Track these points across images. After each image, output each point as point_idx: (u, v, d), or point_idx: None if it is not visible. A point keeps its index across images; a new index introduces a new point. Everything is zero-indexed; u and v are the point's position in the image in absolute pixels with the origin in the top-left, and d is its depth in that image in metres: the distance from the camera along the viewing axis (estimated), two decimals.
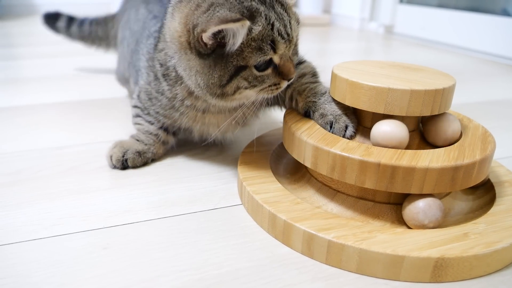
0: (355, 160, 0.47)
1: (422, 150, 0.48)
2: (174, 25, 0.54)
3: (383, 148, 0.49)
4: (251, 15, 0.50)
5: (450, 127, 0.52)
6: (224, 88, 0.53)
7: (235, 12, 0.49)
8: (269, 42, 0.51)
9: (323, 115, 0.56)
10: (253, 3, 0.51)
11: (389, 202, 0.52)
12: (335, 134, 0.53)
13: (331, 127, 0.54)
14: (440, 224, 0.49)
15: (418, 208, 0.48)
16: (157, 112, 0.66)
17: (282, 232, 0.49)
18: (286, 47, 0.53)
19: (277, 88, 0.55)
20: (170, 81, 0.60)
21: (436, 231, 0.46)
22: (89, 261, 0.46)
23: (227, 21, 0.47)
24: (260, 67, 0.52)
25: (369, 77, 0.51)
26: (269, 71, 0.53)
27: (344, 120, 0.54)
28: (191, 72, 0.54)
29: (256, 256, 0.48)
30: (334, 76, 0.54)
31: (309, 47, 1.83)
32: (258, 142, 0.68)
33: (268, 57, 0.52)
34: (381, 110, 0.50)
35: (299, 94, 0.60)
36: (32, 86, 1.14)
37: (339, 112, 0.55)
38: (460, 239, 0.45)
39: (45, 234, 0.51)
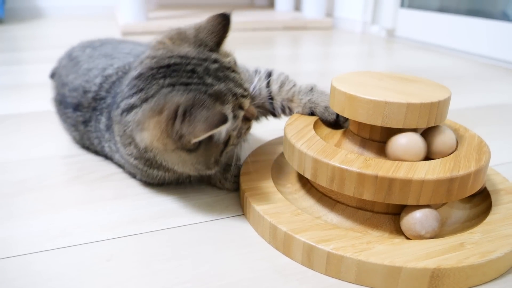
0: (353, 172, 0.48)
1: (418, 162, 0.49)
2: (144, 136, 0.52)
3: (381, 159, 0.50)
4: (222, 101, 0.52)
5: (445, 141, 0.53)
6: (219, 159, 0.56)
7: (211, 107, 0.50)
8: (238, 108, 0.54)
9: (326, 108, 0.63)
10: (216, 86, 0.53)
11: (387, 212, 0.53)
12: (341, 120, 0.63)
13: (337, 116, 0.63)
14: (437, 234, 0.50)
15: (415, 219, 0.49)
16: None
17: (283, 243, 0.50)
18: (248, 98, 0.56)
19: (248, 129, 0.60)
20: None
21: (433, 242, 0.47)
22: (93, 273, 0.47)
23: (214, 126, 0.48)
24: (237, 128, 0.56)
25: (367, 90, 0.52)
26: (241, 124, 0.56)
27: None
28: (185, 164, 0.55)
29: (257, 267, 0.49)
30: (333, 89, 0.55)
31: (312, 51, 1.84)
32: (259, 151, 0.70)
33: (241, 118, 0.55)
34: (378, 123, 0.51)
35: (291, 101, 0.65)
36: (37, 92, 1.15)
37: None
38: (456, 249, 0.46)
39: (49, 246, 0.52)
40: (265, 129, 0.82)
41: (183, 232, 0.55)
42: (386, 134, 0.54)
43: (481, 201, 0.58)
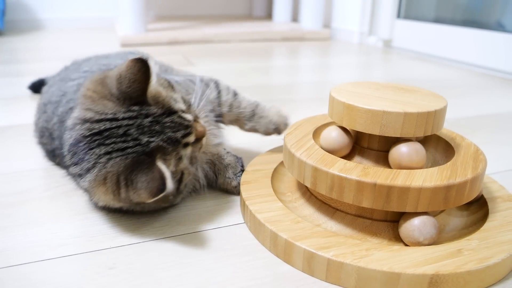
0: (352, 180, 0.49)
1: (416, 170, 0.50)
2: (100, 198, 0.53)
3: (379, 168, 0.51)
4: (163, 153, 0.52)
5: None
6: (180, 192, 0.59)
7: (151, 169, 0.50)
8: (182, 149, 0.54)
9: (266, 130, 0.73)
10: (153, 142, 0.52)
11: (386, 219, 0.54)
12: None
13: (279, 133, 0.74)
14: (435, 240, 0.50)
15: (414, 226, 0.50)
16: None
17: (283, 250, 0.51)
18: (191, 131, 0.56)
19: (201, 147, 0.60)
20: None
21: (431, 248, 0.48)
22: (96, 281, 0.48)
23: (155, 193, 0.49)
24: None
25: (365, 100, 0.53)
26: (192, 148, 0.57)
27: (277, 122, 0.74)
28: (149, 206, 0.58)
29: (258, 274, 0.49)
30: (331, 99, 0.56)
31: (310, 62, 1.86)
32: (259, 161, 0.70)
33: (189, 149, 0.56)
34: (376, 132, 0.52)
35: (236, 122, 0.74)
36: (36, 103, 1.15)
37: (274, 119, 0.73)
38: (454, 255, 0.47)
39: (52, 255, 0.52)
40: (264, 139, 0.83)
41: (185, 240, 0.55)
42: (384, 143, 0.55)
43: (478, 209, 0.59)
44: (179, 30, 2.36)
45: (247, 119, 0.73)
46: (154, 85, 0.54)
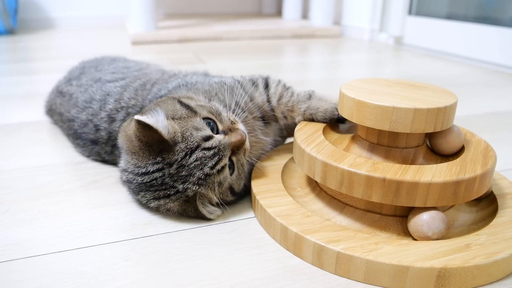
0: (362, 175, 0.50)
1: (425, 166, 0.51)
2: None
3: (388, 163, 0.52)
4: (201, 197, 0.57)
5: (455, 139, 0.56)
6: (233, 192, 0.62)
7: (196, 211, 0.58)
8: (218, 176, 0.57)
9: (325, 110, 0.66)
10: (189, 189, 0.55)
11: (395, 214, 0.55)
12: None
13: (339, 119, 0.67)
14: (444, 235, 0.51)
15: (422, 221, 0.50)
16: None
17: (294, 244, 0.52)
18: (221, 156, 0.57)
19: (245, 152, 0.61)
20: None
21: (440, 243, 0.49)
22: (112, 272, 0.49)
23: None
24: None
25: (375, 96, 0.54)
26: (237, 157, 0.60)
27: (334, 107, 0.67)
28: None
29: (269, 267, 0.51)
30: (342, 95, 0.57)
31: (320, 59, 1.87)
32: (269, 157, 0.71)
33: (226, 171, 0.58)
34: (386, 128, 0.52)
35: (291, 111, 0.69)
36: None
37: (331, 104, 0.67)
38: (462, 250, 0.47)
39: (69, 247, 0.54)
40: None
41: (197, 233, 0.57)
42: (393, 138, 0.56)
43: (487, 205, 0.59)
44: (189, 27, 2.38)
45: (302, 102, 0.68)
46: (166, 131, 0.54)
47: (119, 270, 0.50)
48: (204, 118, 0.58)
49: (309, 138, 0.59)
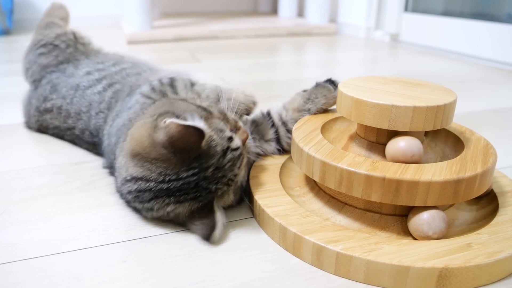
0: (361, 174, 0.49)
1: (425, 164, 0.51)
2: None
3: (388, 162, 0.51)
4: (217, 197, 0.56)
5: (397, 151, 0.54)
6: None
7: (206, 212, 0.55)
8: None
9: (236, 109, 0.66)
10: (220, 189, 0.55)
11: (395, 214, 0.54)
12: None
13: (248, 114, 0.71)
14: (444, 235, 0.51)
15: (423, 220, 0.50)
16: None
17: (293, 244, 0.52)
18: (242, 153, 0.57)
19: (245, 149, 0.60)
20: None
21: (440, 242, 0.48)
22: (109, 273, 0.49)
23: (205, 238, 0.55)
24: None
25: (373, 95, 0.54)
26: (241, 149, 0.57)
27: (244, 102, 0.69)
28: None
29: (268, 268, 0.50)
30: (340, 94, 0.56)
31: (316, 57, 1.86)
32: (267, 156, 0.71)
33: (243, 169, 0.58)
34: (385, 126, 0.52)
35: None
36: None
37: (241, 100, 0.68)
38: (463, 249, 0.47)
39: (66, 248, 0.53)
40: None
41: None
42: (392, 137, 0.56)
43: (488, 203, 0.59)
44: (184, 26, 2.37)
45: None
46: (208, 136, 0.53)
47: (117, 272, 0.49)
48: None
49: (307, 137, 0.59)
